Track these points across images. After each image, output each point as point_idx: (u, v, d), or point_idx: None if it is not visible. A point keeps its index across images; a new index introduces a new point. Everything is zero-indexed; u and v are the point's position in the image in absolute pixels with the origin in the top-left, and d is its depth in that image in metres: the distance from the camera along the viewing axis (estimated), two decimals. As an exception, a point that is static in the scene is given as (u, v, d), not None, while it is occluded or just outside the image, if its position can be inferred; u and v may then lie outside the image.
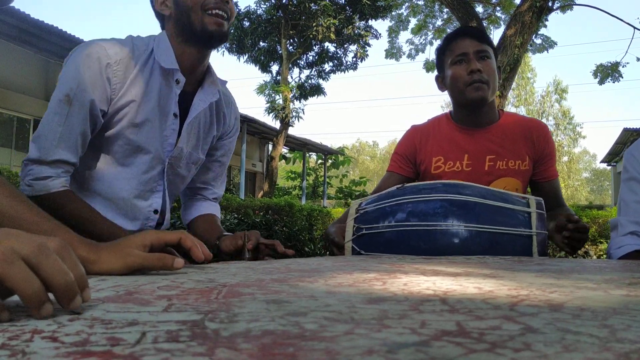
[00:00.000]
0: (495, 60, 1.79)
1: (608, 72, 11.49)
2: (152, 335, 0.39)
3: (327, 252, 1.56)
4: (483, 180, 1.71)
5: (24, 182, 1.28)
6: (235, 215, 7.07)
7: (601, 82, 11.73)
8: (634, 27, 10.67)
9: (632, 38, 11.56)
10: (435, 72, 1.92)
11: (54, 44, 8.73)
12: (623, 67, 11.48)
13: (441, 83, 1.86)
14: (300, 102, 16.51)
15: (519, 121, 1.83)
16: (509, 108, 38.95)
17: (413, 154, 1.85)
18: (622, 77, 11.50)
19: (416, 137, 1.87)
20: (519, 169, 1.74)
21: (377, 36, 16.61)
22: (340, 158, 19.74)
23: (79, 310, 0.49)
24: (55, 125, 1.28)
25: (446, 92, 1.87)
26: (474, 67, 1.72)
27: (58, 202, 1.27)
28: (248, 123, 15.06)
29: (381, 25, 35.81)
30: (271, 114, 15.14)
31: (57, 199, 1.27)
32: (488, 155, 1.75)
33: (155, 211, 1.47)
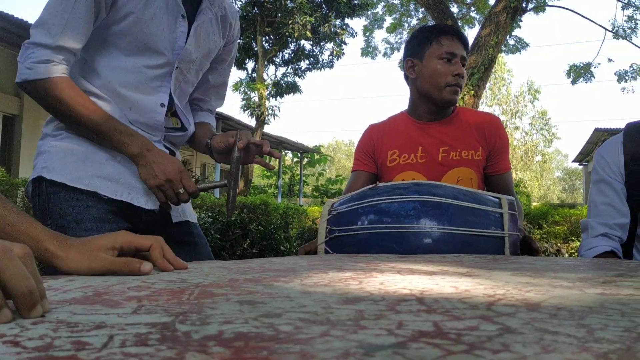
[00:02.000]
0: None
1: (580, 72, 11.72)
2: (120, 338, 0.38)
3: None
4: (437, 170, 1.74)
5: (24, 65, 1.25)
6: (210, 214, 7.00)
7: (574, 82, 11.97)
8: (605, 29, 10.88)
9: (604, 40, 11.81)
10: (401, 55, 1.94)
11: (24, 39, 8.55)
12: (595, 67, 11.73)
13: (412, 69, 1.84)
14: (276, 99, 16.45)
15: (472, 115, 1.87)
16: (483, 107, 39.43)
17: (372, 150, 1.87)
18: (594, 78, 11.75)
19: (373, 134, 1.89)
20: (472, 158, 1.76)
21: (353, 34, 16.64)
22: (317, 156, 19.73)
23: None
24: (61, 12, 1.25)
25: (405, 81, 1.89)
26: (461, 72, 1.74)
27: (58, 87, 1.25)
28: (223, 120, 14.94)
29: (357, 23, 35.97)
30: (247, 112, 15.05)
31: (58, 84, 1.25)
32: (441, 147, 1.77)
33: (162, 104, 1.42)
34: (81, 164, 1.34)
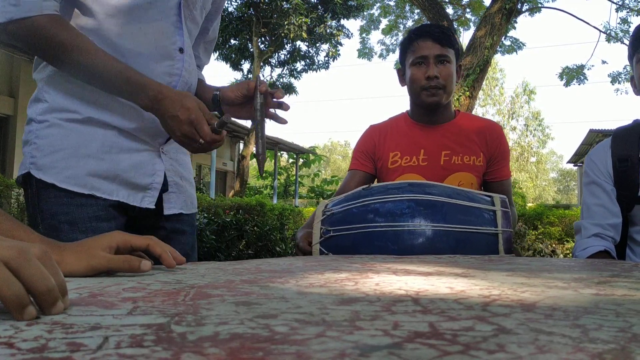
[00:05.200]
0: (456, 61, 1.81)
1: (573, 75, 11.77)
2: (115, 340, 0.37)
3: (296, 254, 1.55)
4: (439, 174, 1.74)
5: (6, 2, 1.08)
6: (206, 215, 7.00)
7: (567, 84, 12.01)
8: (600, 31, 10.93)
9: (598, 41, 11.86)
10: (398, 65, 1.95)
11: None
12: (588, 69, 11.78)
13: (402, 77, 1.89)
14: (271, 100, 16.44)
15: (473, 121, 1.88)
16: (476, 108, 39.53)
17: (372, 150, 1.87)
18: (587, 80, 11.80)
19: (374, 135, 1.89)
20: (473, 164, 1.77)
21: (349, 35, 16.68)
22: (312, 157, 19.73)
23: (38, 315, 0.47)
24: None
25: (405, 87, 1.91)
26: (431, 74, 1.74)
27: (52, 27, 1.10)
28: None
29: (353, 24, 36.13)
30: (242, 112, 15.02)
31: (52, 23, 1.10)
32: (443, 150, 1.78)
33: (181, 50, 1.30)
34: (73, 160, 1.20)
